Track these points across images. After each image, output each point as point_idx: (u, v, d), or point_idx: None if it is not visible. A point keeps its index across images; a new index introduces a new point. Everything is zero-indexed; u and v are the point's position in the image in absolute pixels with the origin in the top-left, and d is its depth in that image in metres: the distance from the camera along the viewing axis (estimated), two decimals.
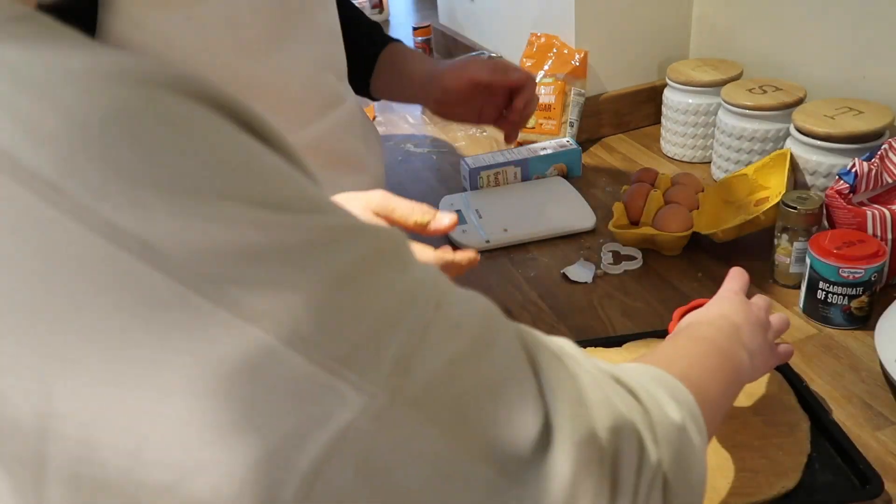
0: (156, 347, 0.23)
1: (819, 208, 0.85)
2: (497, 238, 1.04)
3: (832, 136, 0.93)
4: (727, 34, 1.27)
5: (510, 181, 1.19)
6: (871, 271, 0.77)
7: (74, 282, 0.23)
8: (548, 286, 0.95)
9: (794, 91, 1.06)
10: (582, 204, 1.09)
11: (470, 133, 1.44)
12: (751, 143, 1.07)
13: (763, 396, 0.71)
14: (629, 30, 1.30)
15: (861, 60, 1.03)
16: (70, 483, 0.24)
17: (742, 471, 0.65)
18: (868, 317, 0.81)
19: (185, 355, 0.23)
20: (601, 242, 1.02)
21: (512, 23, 1.48)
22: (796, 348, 0.78)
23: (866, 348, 0.78)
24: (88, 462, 0.23)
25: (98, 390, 0.23)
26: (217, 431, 0.23)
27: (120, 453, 0.23)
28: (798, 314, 0.85)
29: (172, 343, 0.23)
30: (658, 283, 0.93)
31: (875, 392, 0.73)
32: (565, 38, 1.29)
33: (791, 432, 0.67)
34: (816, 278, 0.80)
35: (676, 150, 1.24)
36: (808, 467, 0.64)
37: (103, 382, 0.23)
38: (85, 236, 0.22)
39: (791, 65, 1.15)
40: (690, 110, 1.19)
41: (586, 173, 1.23)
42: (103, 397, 0.23)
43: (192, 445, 0.23)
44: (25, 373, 0.23)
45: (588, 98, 1.30)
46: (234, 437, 0.23)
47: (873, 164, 0.85)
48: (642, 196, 1.01)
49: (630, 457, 0.32)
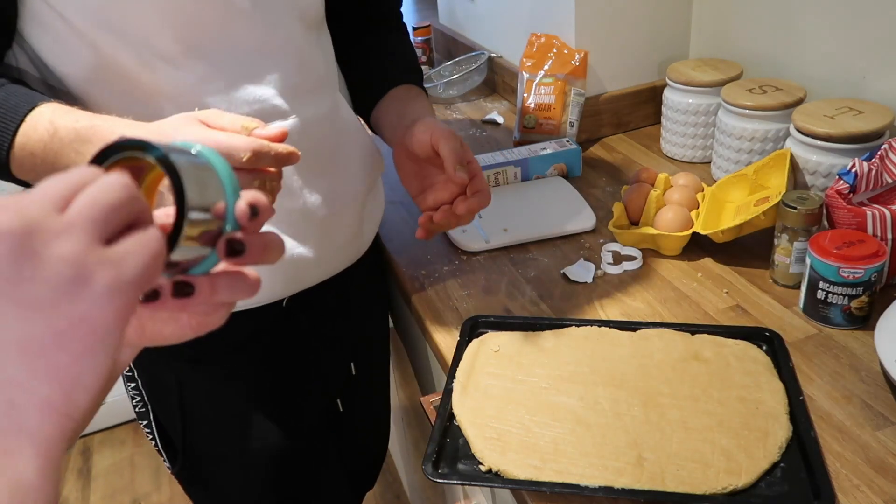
0: None
1: (819, 208, 0.85)
2: (497, 238, 1.04)
3: (832, 136, 0.93)
4: (727, 34, 1.27)
5: (510, 181, 1.19)
6: (871, 271, 0.77)
7: None
8: (548, 286, 0.95)
9: (794, 91, 1.06)
10: (582, 204, 1.09)
11: (470, 133, 1.44)
12: (751, 143, 1.07)
13: (752, 401, 0.72)
14: (629, 30, 1.30)
15: (861, 60, 1.03)
16: None
17: (694, 462, 0.66)
18: (868, 317, 0.81)
19: None
20: (601, 242, 1.02)
21: (512, 23, 1.48)
22: (796, 348, 0.79)
23: (866, 348, 0.78)
24: None
25: None
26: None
27: None
28: (798, 314, 0.85)
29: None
30: (658, 283, 0.93)
31: (875, 392, 0.73)
32: (565, 38, 1.29)
33: (763, 438, 0.67)
34: (816, 278, 0.80)
35: (676, 150, 1.24)
36: (769, 474, 0.65)
37: None
38: None
39: (791, 65, 1.15)
40: (690, 110, 1.19)
41: (586, 173, 1.23)
42: None
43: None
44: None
45: (588, 98, 1.30)
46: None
47: (873, 164, 0.85)
48: (642, 196, 1.01)
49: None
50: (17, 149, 0.66)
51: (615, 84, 1.34)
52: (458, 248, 1.04)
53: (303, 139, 0.79)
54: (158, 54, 0.71)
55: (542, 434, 0.70)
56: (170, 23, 0.70)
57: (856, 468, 0.65)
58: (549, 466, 0.67)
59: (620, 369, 0.77)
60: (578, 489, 0.65)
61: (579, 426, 0.71)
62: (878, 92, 1.00)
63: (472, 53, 1.65)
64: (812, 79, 1.10)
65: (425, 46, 1.82)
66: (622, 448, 0.68)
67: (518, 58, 1.36)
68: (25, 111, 0.66)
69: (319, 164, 0.85)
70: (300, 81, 0.81)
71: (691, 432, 0.69)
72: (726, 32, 1.27)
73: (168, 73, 0.72)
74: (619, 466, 0.66)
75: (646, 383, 0.75)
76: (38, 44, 0.72)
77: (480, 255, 1.03)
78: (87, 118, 0.65)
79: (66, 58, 0.72)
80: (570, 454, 0.68)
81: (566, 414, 0.72)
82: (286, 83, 0.79)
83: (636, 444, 0.68)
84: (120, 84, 0.73)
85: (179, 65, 0.73)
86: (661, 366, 0.77)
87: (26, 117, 0.66)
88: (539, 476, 0.66)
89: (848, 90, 1.05)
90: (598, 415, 0.72)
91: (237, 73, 0.76)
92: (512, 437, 0.70)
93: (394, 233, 1.11)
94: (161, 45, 0.71)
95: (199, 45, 0.73)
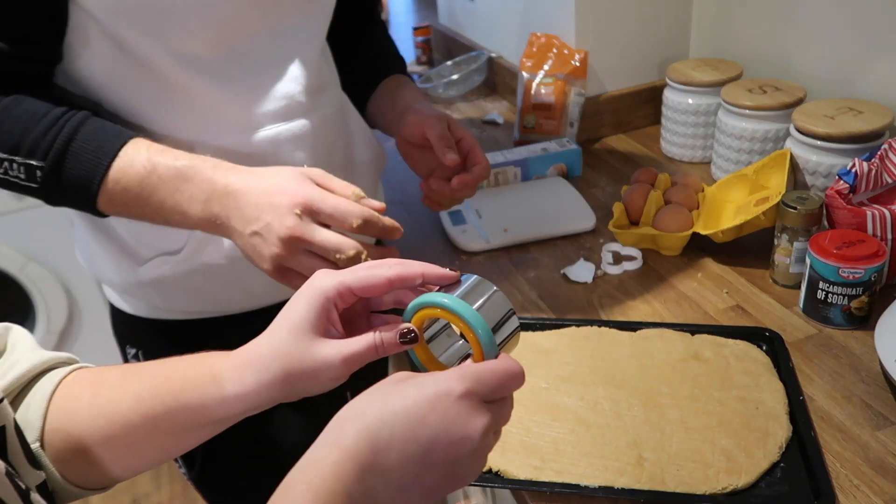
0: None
1: (819, 208, 0.85)
2: (497, 238, 1.04)
3: (832, 136, 0.93)
4: (727, 34, 1.27)
5: (510, 181, 1.19)
6: (871, 271, 0.77)
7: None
8: (548, 286, 0.95)
9: (794, 91, 1.06)
10: (582, 204, 1.09)
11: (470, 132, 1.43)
12: (751, 143, 1.07)
13: (752, 401, 0.71)
14: (629, 30, 1.30)
15: (861, 60, 1.03)
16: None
17: (694, 462, 0.66)
18: (868, 317, 0.81)
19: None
20: (601, 242, 1.02)
21: (512, 23, 1.48)
22: (796, 348, 0.79)
23: (866, 348, 0.78)
24: None
25: None
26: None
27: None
28: (798, 314, 0.85)
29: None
30: (658, 283, 0.93)
31: (875, 392, 0.73)
32: (565, 38, 1.29)
33: (763, 438, 0.67)
34: (816, 278, 0.80)
35: (676, 150, 1.24)
36: (769, 475, 0.65)
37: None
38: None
39: (791, 65, 1.15)
40: (690, 110, 1.19)
41: (586, 173, 1.23)
42: None
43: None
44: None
45: (588, 98, 1.30)
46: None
47: (873, 164, 0.85)
48: (642, 196, 1.01)
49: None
50: (111, 183, 0.67)
51: (615, 84, 1.34)
52: (459, 248, 1.05)
53: (321, 135, 0.81)
54: (196, 58, 0.72)
55: (542, 434, 0.70)
56: (210, 28, 0.71)
57: (856, 468, 0.65)
58: (549, 466, 0.67)
59: (620, 369, 0.77)
60: (578, 489, 0.65)
61: (579, 426, 0.71)
62: (879, 92, 1.00)
63: (472, 53, 1.64)
64: (812, 79, 1.10)
65: (425, 46, 1.82)
66: (622, 448, 0.68)
67: (518, 58, 1.36)
68: (119, 146, 0.68)
69: (335, 160, 0.86)
70: (318, 79, 0.82)
71: (691, 432, 0.69)
72: (726, 32, 1.27)
73: (203, 77, 0.73)
74: (619, 466, 0.66)
75: (646, 383, 0.75)
76: (73, 55, 0.72)
77: (480, 255, 1.03)
78: (188, 158, 0.68)
79: (100, 65, 0.72)
80: (570, 454, 0.68)
81: (566, 414, 0.72)
82: (309, 81, 0.80)
83: (636, 444, 0.68)
84: (155, 89, 0.73)
85: (216, 69, 0.73)
86: (661, 366, 0.77)
87: (119, 152, 0.67)
88: (539, 476, 0.66)
89: (848, 90, 1.05)
90: (598, 415, 0.72)
91: (268, 74, 0.77)
92: (512, 437, 0.70)
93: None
94: (199, 49, 0.72)
95: (234, 48, 0.74)
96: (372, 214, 0.64)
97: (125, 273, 0.84)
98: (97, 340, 2.15)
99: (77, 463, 0.51)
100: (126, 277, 0.84)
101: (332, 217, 0.63)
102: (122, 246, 0.82)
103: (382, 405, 0.41)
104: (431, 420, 0.41)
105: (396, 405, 0.41)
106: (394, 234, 0.66)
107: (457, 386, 0.41)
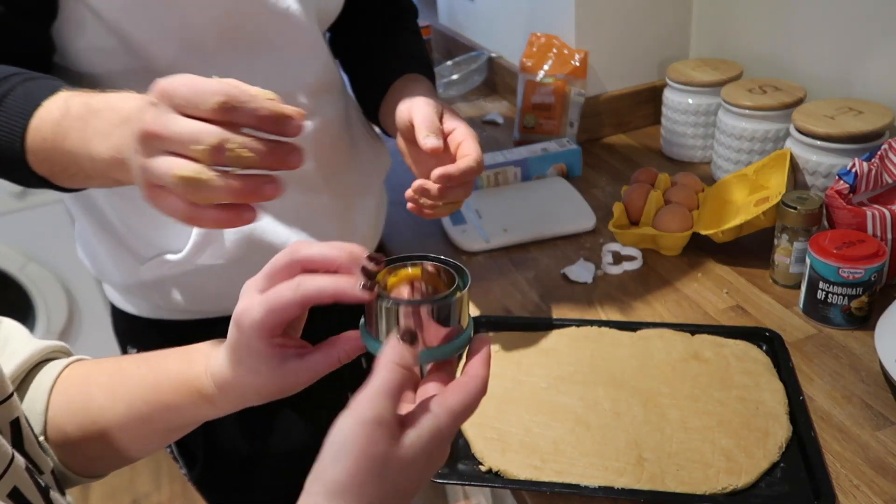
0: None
1: (819, 208, 0.85)
2: (497, 238, 1.04)
3: (832, 136, 0.93)
4: (727, 34, 1.27)
5: (510, 181, 1.19)
6: (871, 271, 0.77)
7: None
8: (548, 286, 0.95)
9: (794, 91, 1.06)
10: (582, 204, 1.09)
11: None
12: (751, 143, 1.07)
13: (752, 401, 0.72)
14: (629, 30, 1.30)
15: (861, 60, 1.03)
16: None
17: (694, 462, 0.66)
18: (868, 317, 0.81)
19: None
20: (601, 242, 1.02)
21: (512, 23, 1.48)
22: (796, 348, 0.79)
23: (866, 348, 0.78)
24: None
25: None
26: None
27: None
28: (798, 314, 0.85)
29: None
30: (658, 283, 0.93)
31: (875, 392, 0.73)
32: (565, 38, 1.29)
33: (763, 438, 0.67)
34: (816, 278, 0.80)
35: (676, 150, 1.24)
36: (769, 475, 0.65)
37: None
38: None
39: (791, 65, 1.15)
40: (690, 110, 1.19)
41: (586, 173, 1.23)
42: None
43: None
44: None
45: (588, 98, 1.30)
46: None
47: (873, 164, 0.85)
48: (642, 196, 1.01)
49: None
50: (31, 134, 0.59)
51: (615, 84, 1.34)
52: (459, 248, 1.05)
53: (324, 137, 0.81)
54: (197, 50, 0.72)
55: (542, 434, 0.70)
56: (212, 19, 0.71)
57: (856, 468, 0.65)
58: (549, 466, 0.67)
59: (620, 369, 0.77)
60: (578, 489, 0.65)
61: (579, 426, 0.71)
62: (878, 92, 1.00)
63: (472, 53, 1.64)
64: (812, 79, 1.10)
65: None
66: (622, 448, 0.68)
67: (518, 58, 1.36)
68: (43, 98, 0.59)
69: (338, 162, 0.86)
70: (322, 81, 0.82)
71: (691, 432, 0.69)
72: (726, 32, 1.27)
73: (204, 69, 0.71)
74: (619, 466, 0.66)
75: (646, 383, 0.75)
76: (69, 44, 0.71)
77: (480, 255, 1.03)
78: (103, 95, 0.57)
79: (99, 56, 0.71)
80: (570, 454, 0.68)
81: (566, 414, 0.72)
82: (311, 82, 0.80)
83: (636, 444, 0.68)
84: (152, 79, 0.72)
85: (216, 61, 0.73)
86: (661, 366, 0.77)
87: (43, 102, 0.59)
88: (539, 476, 0.66)
89: (848, 90, 1.05)
90: (598, 415, 0.72)
91: (269, 71, 0.77)
92: (512, 437, 0.70)
93: (395, 233, 1.11)
94: (200, 39, 0.71)
95: (236, 42, 0.74)
96: (239, 92, 0.46)
97: (126, 272, 0.84)
98: (97, 340, 2.15)
99: (71, 454, 0.55)
100: (127, 276, 0.84)
101: (187, 99, 0.47)
102: (124, 244, 0.82)
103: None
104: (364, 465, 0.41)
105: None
106: (287, 129, 0.49)
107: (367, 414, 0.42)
